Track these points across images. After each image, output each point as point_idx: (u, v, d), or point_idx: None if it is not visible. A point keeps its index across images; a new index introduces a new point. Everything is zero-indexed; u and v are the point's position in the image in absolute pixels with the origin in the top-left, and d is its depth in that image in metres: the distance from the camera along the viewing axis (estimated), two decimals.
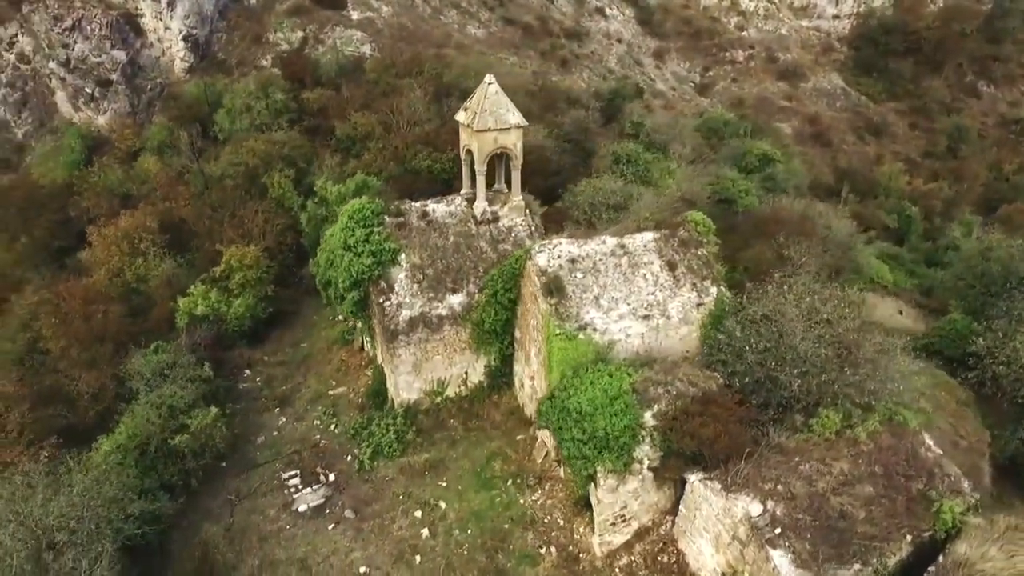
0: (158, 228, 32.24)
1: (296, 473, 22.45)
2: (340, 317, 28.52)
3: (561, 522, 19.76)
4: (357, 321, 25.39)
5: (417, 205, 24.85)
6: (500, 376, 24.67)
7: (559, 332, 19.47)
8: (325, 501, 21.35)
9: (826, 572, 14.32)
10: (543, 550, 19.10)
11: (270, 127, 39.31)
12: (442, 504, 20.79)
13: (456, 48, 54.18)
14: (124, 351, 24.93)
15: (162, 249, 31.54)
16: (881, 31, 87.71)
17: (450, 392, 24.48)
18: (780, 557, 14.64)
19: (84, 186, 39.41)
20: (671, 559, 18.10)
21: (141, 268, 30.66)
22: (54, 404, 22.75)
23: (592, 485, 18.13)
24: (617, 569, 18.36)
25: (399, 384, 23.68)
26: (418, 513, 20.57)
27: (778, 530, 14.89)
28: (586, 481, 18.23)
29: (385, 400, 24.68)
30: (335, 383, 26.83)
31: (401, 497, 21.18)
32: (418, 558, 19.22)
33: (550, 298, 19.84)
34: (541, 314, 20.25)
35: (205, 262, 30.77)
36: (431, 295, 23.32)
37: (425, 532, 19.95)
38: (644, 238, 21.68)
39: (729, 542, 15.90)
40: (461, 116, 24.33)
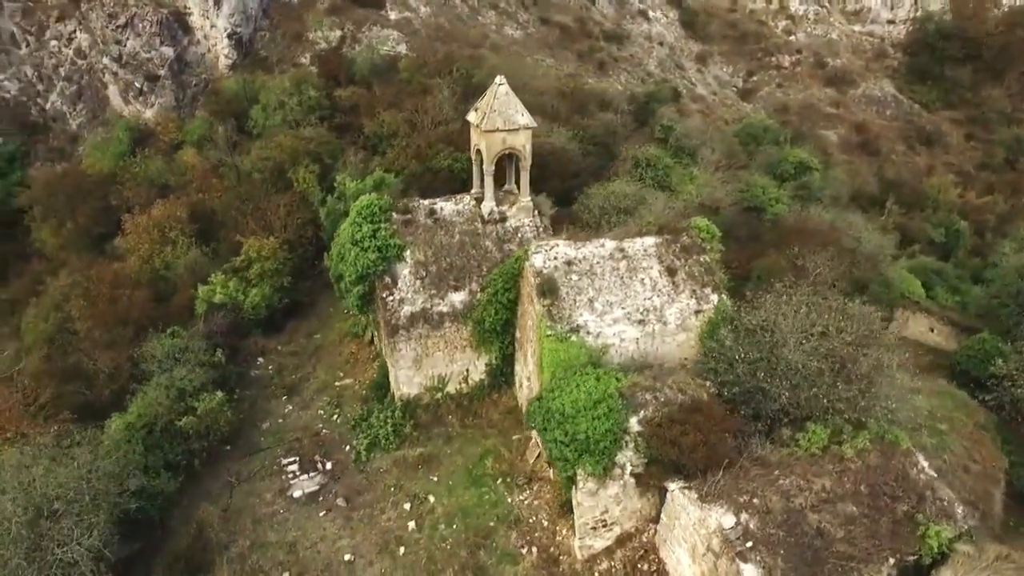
0: (188, 218, 33.54)
1: (295, 460, 23.09)
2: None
3: (545, 523, 19.77)
4: (363, 315, 25.86)
5: (425, 203, 25.20)
6: (501, 375, 24.82)
7: (550, 333, 19.49)
8: (319, 488, 21.91)
9: None
10: (525, 550, 19.16)
11: (301, 123, 40.35)
12: (431, 498, 21.06)
13: (491, 48, 54.53)
14: (144, 334, 26.04)
15: (190, 238, 32.79)
16: (939, 36, 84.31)
17: (451, 389, 24.74)
18: (751, 571, 14.35)
19: (126, 176, 41.24)
20: (651, 567, 17.91)
21: (169, 256, 31.95)
22: (74, 381, 23.96)
23: (574, 488, 18.09)
24: (596, 574, 18.28)
25: (399, 378, 24.07)
26: (407, 506, 20.90)
27: (749, 544, 14.60)
28: (568, 483, 18.21)
29: (387, 394, 25.12)
30: (343, 375, 27.43)
31: (392, 489, 21.55)
32: (402, 549, 19.54)
33: (543, 299, 19.88)
34: (535, 315, 20.32)
35: (229, 252, 31.83)
36: (433, 292, 23.63)
37: (411, 525, 20.27)
38: (645, 242, 21.49)
39: (704, 553, 15.67)
40: (472, 116, 24.59)
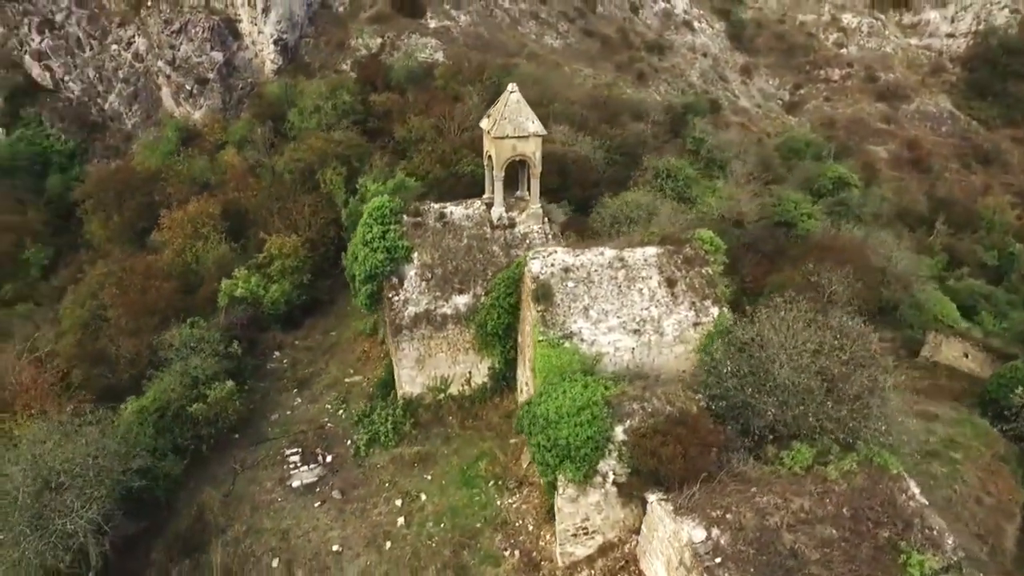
0: (220, 215, 34.99)
1: (298, 451, 23.81)
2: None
3: (531, 527, 19.85)
4: (371, 314, 26.49)
5: (436, 206, 25.71)
6: (503, 380, 25.03)
7: (542, 339, 19.62)
8: (317, 480, 22.53)
9: None
10: (508, 553, 19.28)
11: (335, 127, 41.58)
12: (423, 496, 21.41)
13: (528, 58, 55.03)
14: (168, 324, 27.30)
15: (221, 234, 34.20)
16: (1002, 51, 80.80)
17: (453, 390, 25.09)
18: None
19: (171, 174, 43.30)
20: None
21: (200, 250, 33.39)
22: (100, 365, 25.32)
23: (555, 493, 18.13)
24: None
25: (402, 377, 24.55)
26: (398, 502, 21.29)
27: (719, 559, 14.38)
28: (550, 488, 18.27)
29: (392, 392, 25.62)
30: (353, 371, 28.13)
31: (387, 485, 22.00)
32: (388, 544, 19.93)
33: (537, 304, 20.04)
34: (531, 320, 20.49)
35: (256, 249, 33.08)
36: (437, 294, 24.06)
37: (401, 520, 20.64)
38: (645, 252, 21.40)
39: (677, 566, 15.50)
40: (484, 123, 25.02)
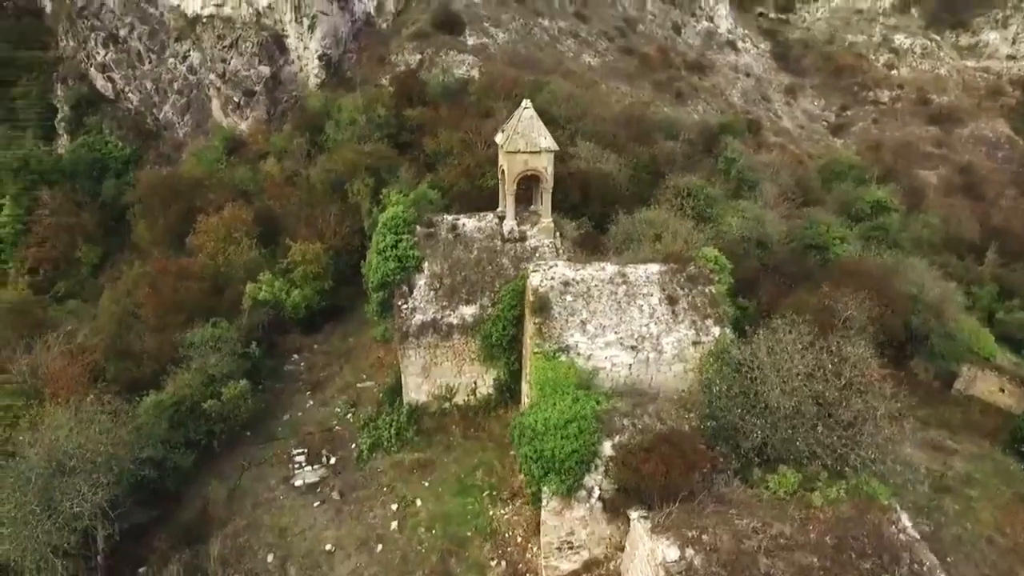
0: (253, 221, 36.40)
1: (304, 452, 24.48)
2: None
3: (519, 539, 19.91)
4: (382, 321, 27.11)
5: (449, 218, 26.27)
6: (508, 391, 25.24)
7: (538, 351, 19.79)
8: (319, 481, 23.12)
9: None
10: (494, 563, 19.38)
11: (368, 139, 42.82)
12: (418, 502, 21.72)
13: (563, 75, 55.53)
14: (193, 323, 28.52)
15: (252, 239, 35.56)
16: None
17: (458, 400, 25.43)
18: None
19: (214, 181, 45.33)
20: None
21: (232, 254, 34.77)
22: (126, 359, 26.65)
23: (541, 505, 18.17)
24: None
25: (408, 385, 25.04)
26: (394, 506, 21.66)
27: None
28: (536, 500, 18.31)
29: (399, 399, 26.11)
30: (365, 377, 28.78)
31: (385, 489, 22.41)
32: (380, 547, 20.28)
33: (535, 317, 20.24)
34: (529, 332, 20.70)
35: (283, 254, 34.26)
36: (445, 303, 24.51)
37: (394, 524, 20.98)
38: (648, 270, 21.39)
39: None
40: (498, 137, 25.49)
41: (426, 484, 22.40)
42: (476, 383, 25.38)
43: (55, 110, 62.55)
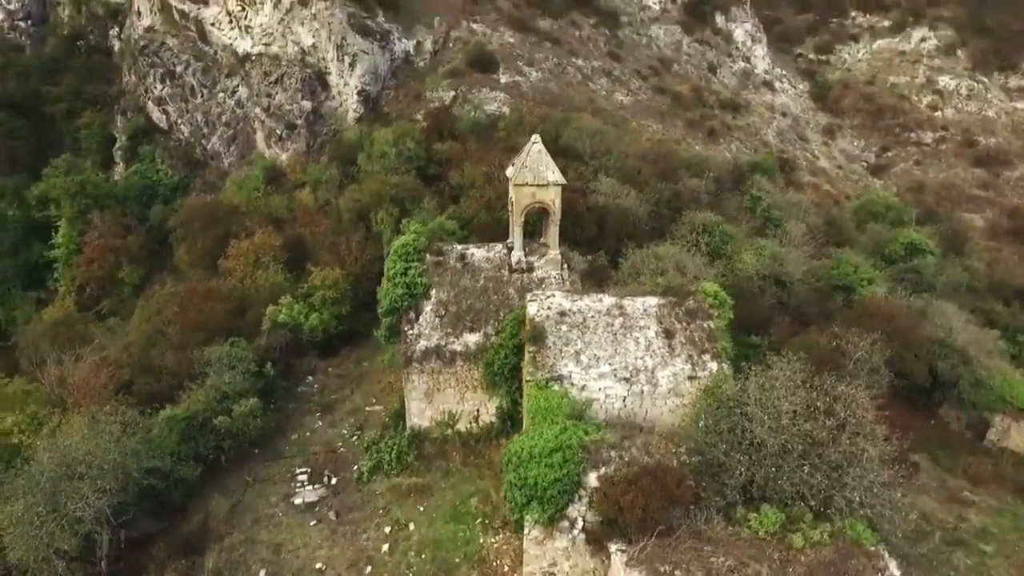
0: (281, 247, 37.86)
1: (307, 471, 25.00)
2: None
3: (507, 569, 19.82)
4: (390, 346, 27.67)
5: (458, 248, 26.89)
6: (511, 420, 25.31)
7: (530, 379, 19.99)
8: (318, 500, 23.53)
9: None
10: None
11: (397, 171, 44.23)
12: (411, 526, 21.87)
13: (594, 113, 56.40)
14: (214, 341, 29.68)
15: (279, 264, 36.95)
16: None
17: (461, 427, 25.63)
18: None
19: (251, 208, 47.37)
20: None
21: (259, 278, 36.18)
22: (148, 374, 27.87)
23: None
24: None
25: (411, 409, 25.42)
26: (388, 529, 21.86)
27: None
28: (519, 528, 18.29)
29: (402, 423, 26.47)
30: (375, 400, 29.30)
31: (381, 512, 22.66)
32: (369, 568, 20.46)
33: (530, 346, 20.48)
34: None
35: (307, 279, 35.45)
36: (449, 331, 24.95)
37: (385, 547, 21.16)
38: (646, 302, 21.45)
39: None
40: (509, 170, 26.15)
41: (421, 509, 22.56)
42: (479, 411, 25.58)
43: (114, 140, 66.62)
